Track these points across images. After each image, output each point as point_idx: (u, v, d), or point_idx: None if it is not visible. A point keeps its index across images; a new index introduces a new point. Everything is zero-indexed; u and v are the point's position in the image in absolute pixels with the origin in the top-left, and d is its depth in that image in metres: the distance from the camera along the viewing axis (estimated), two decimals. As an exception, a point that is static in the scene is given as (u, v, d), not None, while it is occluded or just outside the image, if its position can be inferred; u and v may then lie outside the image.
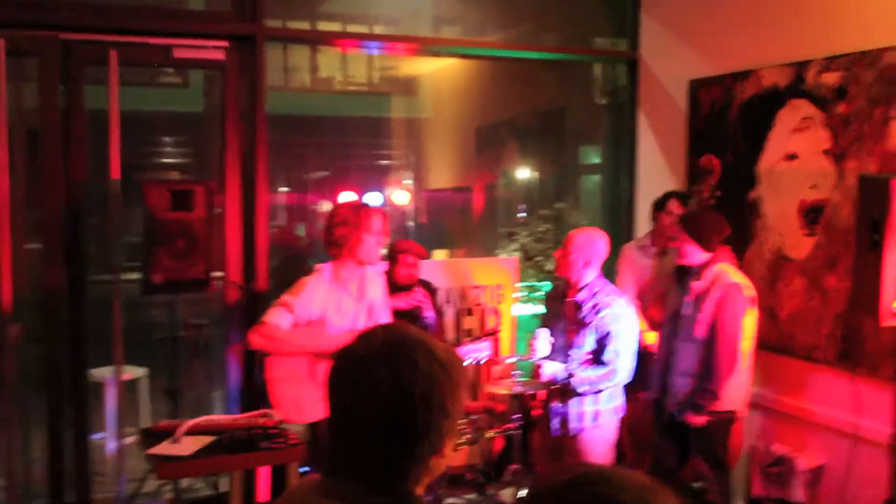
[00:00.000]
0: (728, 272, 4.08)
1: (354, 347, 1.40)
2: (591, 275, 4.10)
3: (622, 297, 4.11)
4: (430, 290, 4.69)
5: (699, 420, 4.04)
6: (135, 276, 4.76)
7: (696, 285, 4.08)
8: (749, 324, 4.08)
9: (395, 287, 4.45)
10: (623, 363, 3.99)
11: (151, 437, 3.41)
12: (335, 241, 3.86)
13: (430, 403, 1.33)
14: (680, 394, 4.10)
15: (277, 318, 3.75)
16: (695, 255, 4.09)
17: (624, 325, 4.01)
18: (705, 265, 4.09)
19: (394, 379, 1.32)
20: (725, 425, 4.11)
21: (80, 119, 4.53)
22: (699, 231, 4.08)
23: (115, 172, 4.48)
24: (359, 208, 3.90)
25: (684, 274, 4.18)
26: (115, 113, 4.48)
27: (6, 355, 4.33)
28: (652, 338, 4.58)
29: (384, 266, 4.46)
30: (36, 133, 4.48)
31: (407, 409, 1.32)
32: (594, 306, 4.03)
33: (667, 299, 4.36)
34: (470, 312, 5.07)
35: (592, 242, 4.10)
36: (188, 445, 3.25)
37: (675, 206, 4.82)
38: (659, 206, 4.91)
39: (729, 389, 4.03)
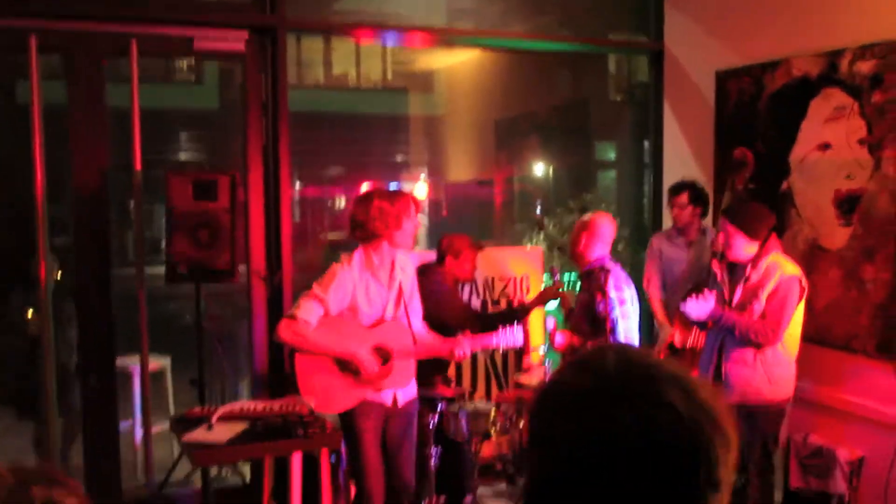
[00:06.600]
0: (782, 263, 3.91)
1: (573, 378, 0.95)
2: (596, 250, 4.18)
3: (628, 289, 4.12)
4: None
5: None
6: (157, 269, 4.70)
7: (752, 276, 3.92)
8: (800, 314, 3.94)
9: (456, 282, 4.56)
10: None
11: (183, 423, 3.33)
12: (372, 229, 3.69)
13: (696, 470, 0.89)
14: (737, 384, 3.94)
15: (308, 313, 3.61)
16: (743, 247, 3.91)
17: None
18: (758, 256, 3.92)
19: (642, 431, 0.88)
20: (778, 415, 3.99)
21: (103, 112, 4.47)
22: (745, 222, 3.90)
23: (138, 164, 4.42)
24: (397, 195, 3.80)
25: (734, 266, 4.00)
26: (135, 103, 4.41)
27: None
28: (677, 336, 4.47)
29: (446, 264, 4.47)
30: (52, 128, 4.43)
31: (663, 478, 0.88)
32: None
33: (714, 292, 4.19)
34: (497, 303, 4.98)
35: (589, 222, 4.24)
36: (222, 432, 3.18)
37: (683, 199, 4.79)
38: (671, 196, 4.87)
39: (782, 380, 3.92)
